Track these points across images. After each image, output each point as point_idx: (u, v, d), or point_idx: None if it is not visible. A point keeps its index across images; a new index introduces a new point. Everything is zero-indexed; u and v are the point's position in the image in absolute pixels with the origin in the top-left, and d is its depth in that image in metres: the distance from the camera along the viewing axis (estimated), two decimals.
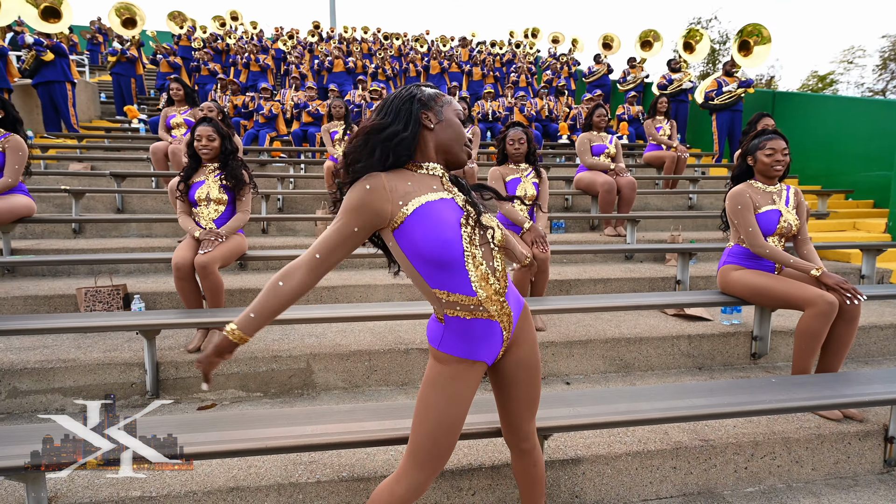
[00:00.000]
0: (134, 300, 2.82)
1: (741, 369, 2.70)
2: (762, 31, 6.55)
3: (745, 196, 2.38)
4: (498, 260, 1.14)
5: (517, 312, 1.22)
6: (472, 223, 1.09)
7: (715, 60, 20.77)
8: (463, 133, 1.17)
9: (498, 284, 1.14)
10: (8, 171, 3.17)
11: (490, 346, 1.19)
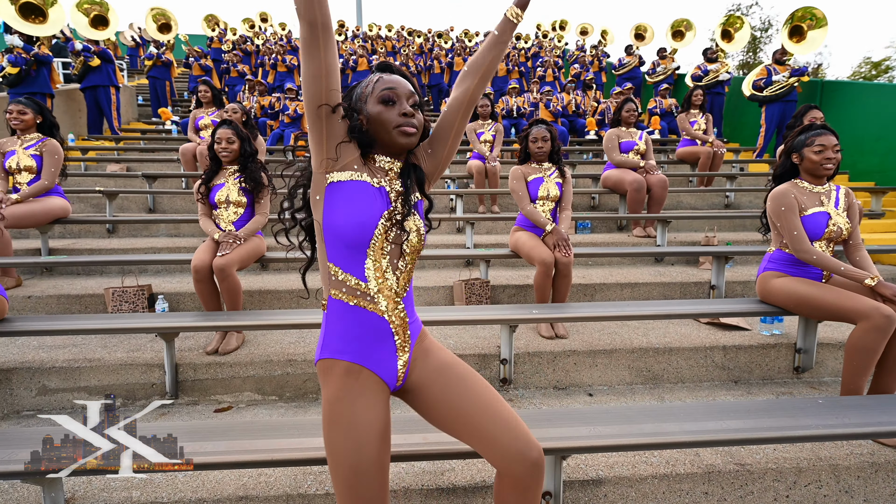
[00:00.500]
0: (158, 300, 2.88)
1: (783, 384, 2.50)
2: (816, 14, 6.08)
3: (789, 197, 2.19)
4: (405, 262, 1.10)
5: (415, 331, 1.17)
6: (393, 219, 1.05)
7: (756, 49, 19.72)
8: (389, 117, 1.04)
9: (396, 284, 1.09)
10: (45, 174, 3.29)
11: (381, 352, 1.07)
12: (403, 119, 1.04)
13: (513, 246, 2.90)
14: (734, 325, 2.77)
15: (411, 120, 1.05)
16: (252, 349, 2.47)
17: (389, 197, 1.07)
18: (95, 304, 2.98)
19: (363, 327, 1.07)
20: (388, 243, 1.05)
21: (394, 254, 1.07)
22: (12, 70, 5.98)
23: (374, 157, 1.10)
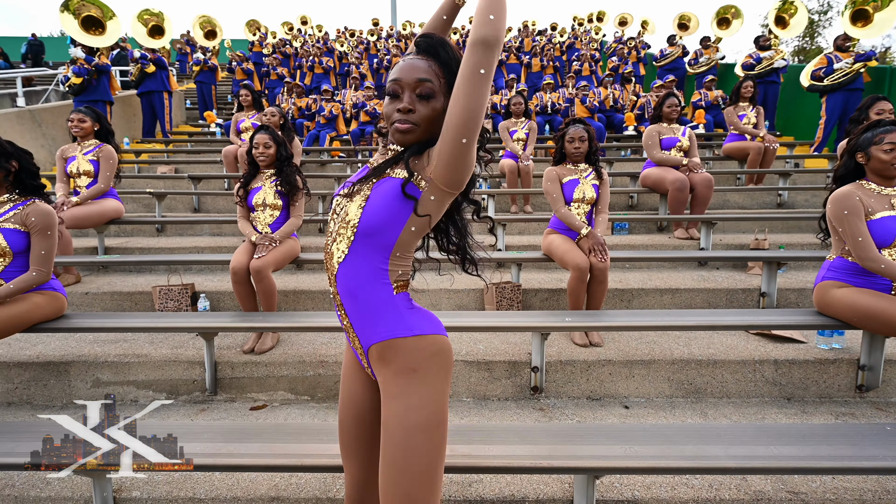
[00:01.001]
0: (200, 298, 3.01)
1: (843, 404, 2.30)
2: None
3: (853, 199, 2.01)
4: (338, 240, 1.00)
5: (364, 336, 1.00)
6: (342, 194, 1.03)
7: (813, 34, 18.34)
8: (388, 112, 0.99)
9: (330, 259, 1.02)
10: (101, 179, 3.51)
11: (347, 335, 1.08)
12: (398, 115, 0.96)
13: (546, 249, 2.82)
14: (788, 337, 2.58)
15: (406, 115, 0.96)
16: (286, 349, 2.53)
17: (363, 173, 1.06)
18: (144, 301, 3.15)
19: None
20: (335, 221, 1.03)
21: (332, 233, 1.02)
22: (76, 80, 6.42)
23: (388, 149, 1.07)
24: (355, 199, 0.98)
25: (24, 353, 2.57)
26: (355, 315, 1.01)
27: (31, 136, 6.47)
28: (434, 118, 0.96)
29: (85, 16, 6.56)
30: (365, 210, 0.96)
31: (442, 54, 0.97)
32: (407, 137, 0.97)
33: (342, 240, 0.99)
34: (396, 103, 0.97)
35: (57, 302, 2.26)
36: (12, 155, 2.13)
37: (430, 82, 0.95)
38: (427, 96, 0.96)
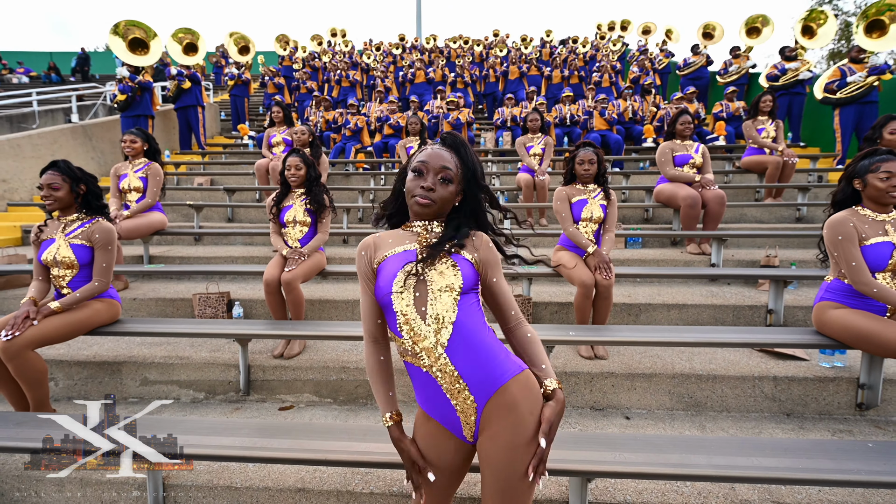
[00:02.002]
0: (235, 305, 3.28)
1: (842, 421, 2.37)
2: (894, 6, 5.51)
3: (847, 225, 2.10)
4: (436, 306, 1.07)
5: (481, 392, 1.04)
6: (410, 269, 1.11)
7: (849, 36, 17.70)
8: (412, 186, 1.15)
9: (430, 331, 1.07)
10: (149, 194, 3.86)
11: (442, 411, 1.09)
12: (420, 190, 1.14)
13: (555, 265, 2.97)
14: (791, 355, 2.65)
15: (428, 193, 1.13)
16: (312, 355, 2.77)
17: (416, 252, 1.15)
18: (185, 307, 3.46)
19: (420, 381, 1.12)
20: (410, 291, 1.09)
21: (419, 302, 1.08)
22: (122, 97, 6.95)
23: (406, 226, 1.22)
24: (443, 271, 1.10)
25: (82, 352, 2.89)
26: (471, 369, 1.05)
27: (82, 150, 7.02)
28: (448, 199, 1.17)
29: (131, 38, 7.10)
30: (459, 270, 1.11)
31: (462, 152, 1.19)
32: (425, 210, 1.16)
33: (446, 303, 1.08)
34: (420, 181, 1.15)
35: (113, 308, 2.55)
36: (81, 179, 2.44)
37: (450, 170, 1.15)
38: (446, 181, 1.15)
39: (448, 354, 1.05)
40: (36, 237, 2.44)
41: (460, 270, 1.10)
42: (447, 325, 1.06)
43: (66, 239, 2.38)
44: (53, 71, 15.84)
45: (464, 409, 1.07)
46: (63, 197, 2.38)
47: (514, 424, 1.01)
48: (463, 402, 1.06)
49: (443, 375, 1.06)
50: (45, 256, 2.38)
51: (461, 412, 1.07)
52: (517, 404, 1.03)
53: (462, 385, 1.05)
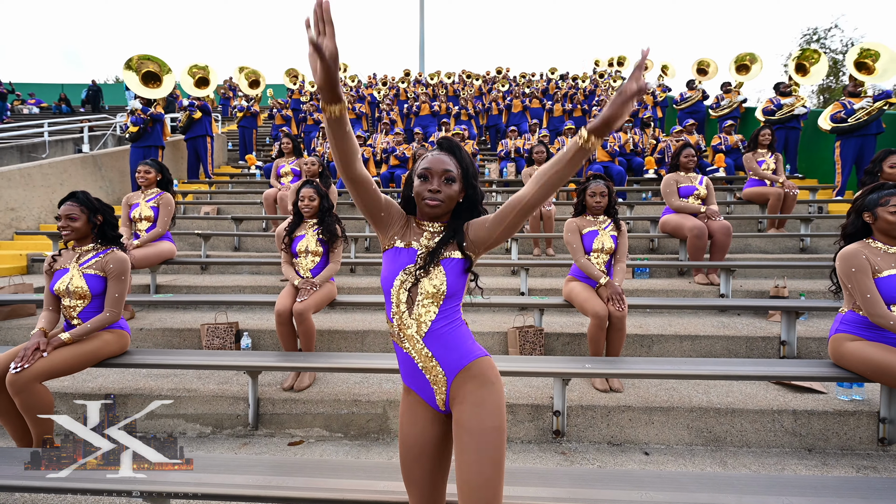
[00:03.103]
0: (243, 336, 3.26)
1: (865, 457, 2.31)
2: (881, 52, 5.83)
3: (860, 258, 2.12)
4: (419, 307, 1.26)
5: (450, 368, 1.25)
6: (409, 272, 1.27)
7: (837, 73, 18.37)
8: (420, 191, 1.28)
9: (413, 325, 1.26)
10: (160, 223, 3.89)
11: (418, 382, 1.29)
12: (428, 193, 1.26)
13: (566, 296, 2.97)
14: (808, 387, 2.62)
15: (435, 195, 1.26)
16: (322, 387, 2.72)
17: (417, 254, 1.28)
18: (192, 337, 3.42)
19: (401, 359, 1.32)
20: (405, 290, 1.27)
21: (410, 301, 1.26)
22: (134, 129, 7.10)
23: (418, 222, 1.35)
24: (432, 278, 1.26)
25: (87, 385, 2.84)
26: (443, 353, 1.26)
27: (92, 179, 7.12)
28: (453, 197, 1.30)
29: (145, 71, 7.33)
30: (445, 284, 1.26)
31: (458, 153, 1.33)
32: (436, 210, 1.29)
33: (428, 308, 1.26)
34: (427, 185, 1.28)
35: (123, 339, 2.52)
36: (99, 210, 2.46)
37: (452, 171, 1.29)
38: (450, 181, 1.29)
39: (425, 342, 1.26)
40: (49, 267, 2.44)
41: (447, 278, 1.26)
42: (427, 322, 1.26)
43: (80, 269, 2.38)
44: (64, 102, 16.26)
45: (436, 382, 1.27)
46: (80, 227, 2.40)
47: (479, 385, 1.23)
48: (435, 376, 1.26)
49: (419, 357, 1.27)
50: (57, 286, 2.38)
51: (434, 383, 1.27)
52: (480, 373, 1.25)
53: (435, 363, 1.26)
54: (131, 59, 7.21)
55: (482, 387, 1.23)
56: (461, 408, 1.22)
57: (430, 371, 1.27)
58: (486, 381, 1.23)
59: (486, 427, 1.18)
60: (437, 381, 1.27)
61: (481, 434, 1.18)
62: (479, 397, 1.22)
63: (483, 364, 1.26)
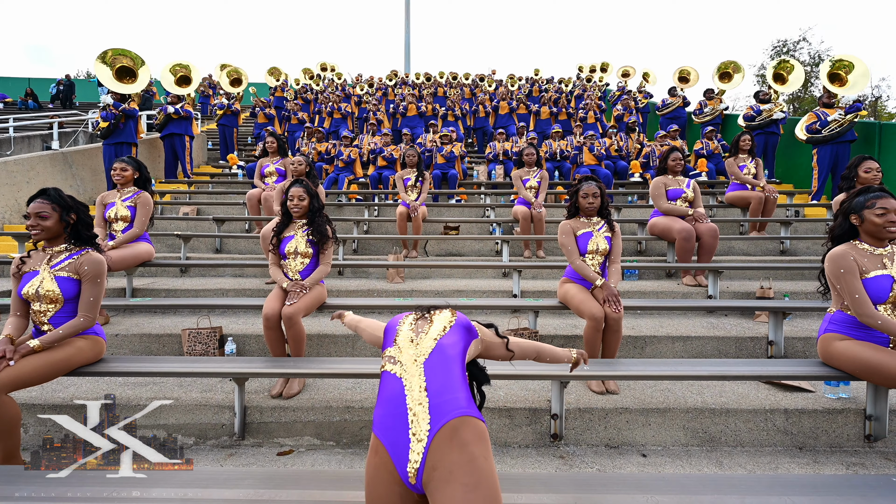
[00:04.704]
0: (227, 342, 3.12)
1: (853, 453, 2.36)
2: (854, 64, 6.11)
3: (848, 259, 2.15)
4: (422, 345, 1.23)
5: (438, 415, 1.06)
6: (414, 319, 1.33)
7: (807, 84, 19.12)
8: None
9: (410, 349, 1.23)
10: (137, 224, 3.71)
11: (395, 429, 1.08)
12: None
13: (561, 298, 2.95)
14: (797, 386, 2.66)
15: None
16: (312, 394, 2.63)
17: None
18: (172, 343, 3.27)
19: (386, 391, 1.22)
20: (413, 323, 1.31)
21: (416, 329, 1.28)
22: (104, 124, 6.81)
23: None
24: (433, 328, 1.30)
25: (57, 395, 2.67)
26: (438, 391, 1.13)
27: (62, 177, 6.80)
28: None
29: (119, 66, 7.05)
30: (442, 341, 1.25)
31: None
32: None
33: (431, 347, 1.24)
34: None
35: (98, 346, 2.38)
36: (72, 208, 2.31)
37: None
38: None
39: (425, 369, 1.16)
40: (17, 269, 2.29)
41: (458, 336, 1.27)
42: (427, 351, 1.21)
43: (51, 271, 2.24)
44: (30, 97, 15.54)
45: (415, 432, 1.06)
46: (52, 227, 2.25)
47: (471, 460, 0.98)
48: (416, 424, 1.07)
49: (409, 390, 1.12)
50: (26, 290, 2.22)
51: (413, 434, 1.06)
52: (470, 443, 1.01)
53: (425, 402, 1.09)
54: (105, 53, 6.92)
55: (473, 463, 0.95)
56: (449, 488, 0.94)
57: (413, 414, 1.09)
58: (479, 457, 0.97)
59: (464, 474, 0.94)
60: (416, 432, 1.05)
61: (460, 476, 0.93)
62: (473, 479, 0.93)
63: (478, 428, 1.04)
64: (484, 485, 0.94)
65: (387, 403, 1.16)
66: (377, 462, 1.12)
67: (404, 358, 1.22)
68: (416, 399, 1.11)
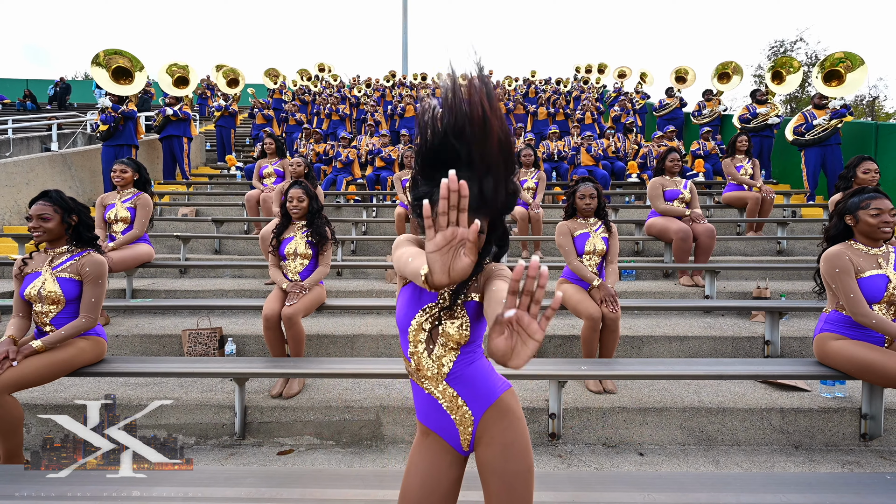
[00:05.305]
0: (227, 342, 3.14)
1: (849, 452, 2.38)
2: (853, 58, 6.08)
3: (843, 259, 2.18)
4: (439, 348, 1.14)
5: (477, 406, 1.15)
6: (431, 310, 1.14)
7: (803, 84, 19.19)
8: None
9: (433, 367, 1.15)
10: (136, 225, 3.73)
11: (441, 422, 1.18)
12: None
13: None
14: (792, 386, 2.68)
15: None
16: (312, 394, 2.64)
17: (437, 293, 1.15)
18: (172, 344, 3.28)
19: (422, 399, 1.21)
20: (424, 331, 1.15)
21: (429, 341, 1.15)
22: (104, 127, 6.82)
23: None
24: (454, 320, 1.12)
25: (58, 395, 2.68)
26: (469, 392, 1.15)
27: (61, 178, 6.80)
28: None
29: (115, 67, 7.05)
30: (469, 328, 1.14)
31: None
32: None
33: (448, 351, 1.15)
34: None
35: (99, 347, 2.40)
36: (74, 210, 2.33)
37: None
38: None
39: (449, 382, 1.16)
40: (19, 270, 2.30)
41: (469, 324, 1.13)
42: (448, 364, 1.15)
43: (52, 272, 2.25)
44: (29, 98, 15.53)
45: (462, 422, 1.17)
46: (53, 228, 2.27)
47: (509, 424, 1.14)
48: (462, 416, 1.17)
49: (444, 398, 1.17)
50: (28, 291, 2.24)
51: (459, 424, 1.17)
52: (510, 409, 1.16)
53: (461, 402, 1.16)
54: (98, 55, 6.91)
55: (511, 426, 1.15)
56: (489, 450, 1.14)
57: (456, 411, 1.17)
58: (515, 419, 1.15)
59: (517, 470, 1.12)
60: (463, 422, 1.17)
61: (514, 477, 1.12)
62: (510, 438, 1.14)
63: (509, 399, 1.18)
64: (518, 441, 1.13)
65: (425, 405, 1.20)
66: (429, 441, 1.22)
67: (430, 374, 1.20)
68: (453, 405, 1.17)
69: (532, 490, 1.13)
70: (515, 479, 1.12)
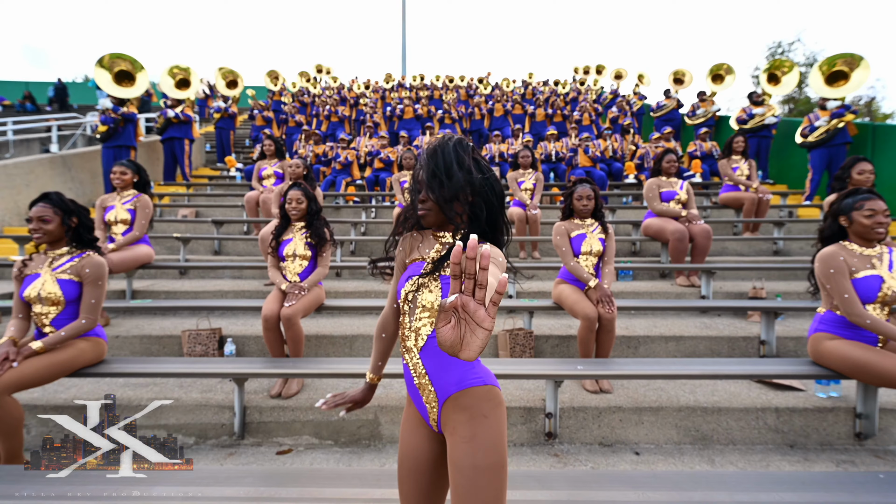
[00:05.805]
0: (227, 343, 3.16)
1: (843, 451, 2.40)
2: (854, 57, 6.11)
3: (837, 259, 2.20)
4: (418, 319, 1.17)
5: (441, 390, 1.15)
6: (413, 284, 1.18)
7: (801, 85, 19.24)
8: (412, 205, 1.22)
9: (412, 337, 1.18)
10: (136, 227, 3.75)
11: (416, 396, 1.21)
12: (420, 205, 1.19)
13: (556, 298, 2.99)
14: (787, 385, 2.70)
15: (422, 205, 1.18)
16: (311, 393, 2.66)
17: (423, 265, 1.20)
18: (172, 344, 3.30)
19: (405, 368, 1.24)
20: (409, 302, 1.19)
21: (410, 313, 1.18)
22: (103, 128, 6.84)
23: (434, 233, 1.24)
24: (431, 290, 1.16)
25: (58, 396, 2.70)
26: (437, 372, 1.16)
27: (60, 180, 6.82)
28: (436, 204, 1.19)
29: (118, 70, 7.08)
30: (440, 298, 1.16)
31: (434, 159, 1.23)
32: (427, 219, 1.20)
33: (425, 323, 1.17)
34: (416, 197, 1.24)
35: (99, 348, 2.41)
36: (74, 212, 2.35)
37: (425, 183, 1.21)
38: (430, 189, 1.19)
39: (421, 356, 1.17)
40: (19, 272, 2.32)
41: (442, 293, 1.16)
42: (423, 336, 1.17)
43: (52, 274, 2.27)
44: (28, 100, 15.55)
45: (428, 401, 1.18)
46: (53, 230, 2.28)
47: (469, 418, 1.10)
48: (427, 395, 1.18)
49: (415, 371, 1.19)
50: (27, 292, 2.26)
51: (426, 401, 1.18)
52: (472, 405, 1.11)
53: (427, 381, 1.17)
54: (103, 58, 6.95)
55: (472, 420, 1.09)
56: (452, 440, 1.11)
57: (423, 389, 1.17)
58: (477, 414, 1.09)
59: (478, 465, 1.05)
60: (429, 401, 1.17)
61: (473, 473, 1.05)
62: (469, 432, 1.08)
63: (477, 394, 1.11)
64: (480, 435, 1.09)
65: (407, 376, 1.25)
66: (410, 411, 1.27)
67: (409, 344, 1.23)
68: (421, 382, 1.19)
69: (502, 490, 1.07)
70: (478, 475, 1.05)
